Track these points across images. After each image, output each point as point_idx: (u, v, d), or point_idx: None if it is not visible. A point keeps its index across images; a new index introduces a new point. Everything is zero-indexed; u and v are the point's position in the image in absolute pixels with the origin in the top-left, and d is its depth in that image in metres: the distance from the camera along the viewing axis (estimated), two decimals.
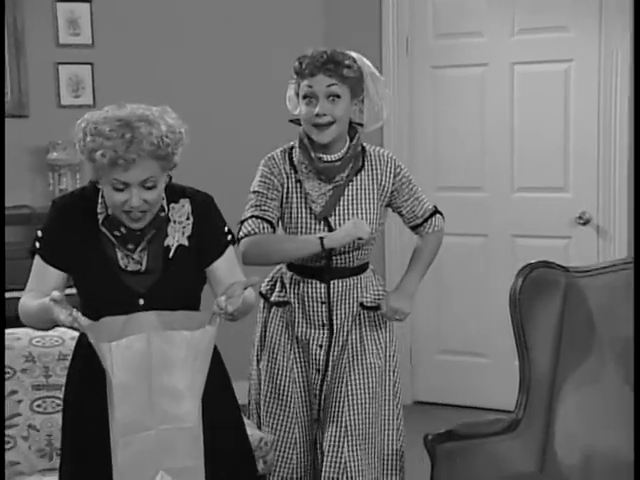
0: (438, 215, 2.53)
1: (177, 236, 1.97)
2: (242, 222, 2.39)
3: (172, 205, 1.99)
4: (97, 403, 1.88)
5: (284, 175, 2.40)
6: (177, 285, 1.96)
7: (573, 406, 2.46)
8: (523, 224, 4.18)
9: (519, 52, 4.05)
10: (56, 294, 1.74)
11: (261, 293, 2.52)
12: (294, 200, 2.39)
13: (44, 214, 3.76)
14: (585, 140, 3.93)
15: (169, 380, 1.78)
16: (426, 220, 2.50)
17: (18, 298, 3.51)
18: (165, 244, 1.96)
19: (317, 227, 2.38)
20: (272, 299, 2.48)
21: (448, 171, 4.23)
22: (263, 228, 2.37)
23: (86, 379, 1.97)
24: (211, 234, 2.02)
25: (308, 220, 2.39)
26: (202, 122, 3.79)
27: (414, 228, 2.53)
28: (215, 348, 1.93)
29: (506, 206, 4.20)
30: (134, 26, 4.14)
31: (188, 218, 1.99)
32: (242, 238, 2.36)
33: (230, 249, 2.06)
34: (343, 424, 2.36)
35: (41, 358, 2.47)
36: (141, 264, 1.94)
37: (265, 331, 2.50)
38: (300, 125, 2.41)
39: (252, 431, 2.41)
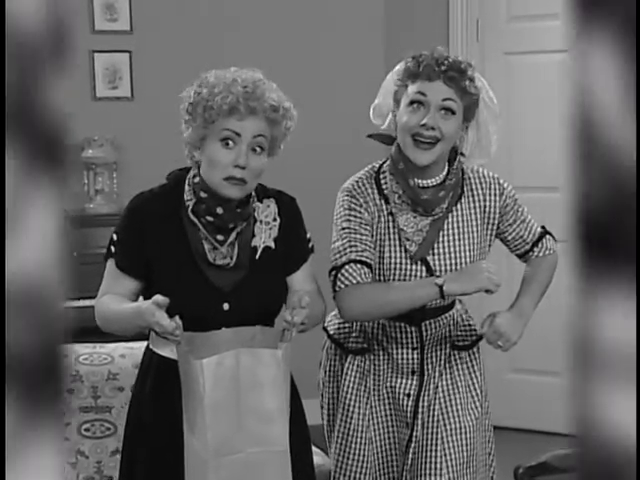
0: (548, 236, 2.37)
1: (264, 237, 2.01)
2: (338, 269, 2.16)
3: (257, 204, 2.03)
4: (173, 426, 1.91)
5: (373, 207, 2.21)
6: (263, 288, 2.00)
7: None
8: None
9: None
10: (161, 298, 1.79)
11: (333, 338, 2.37)
12: (387, 237, 2.21)
13: (78, 217, 3.91)
14: None
15: (258, 400, 1.82)
16: (535, 244, 2.34)
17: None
18: (252, 244, 2.01)
19: (414, 269, 2.21)
20: (349, 346, 2.33)
21: (523, 169, 4.19)
22: (365, 274, 2.16)
23: (160, 399, 1.99)
24: (297, 240, 2.08)
25: (403, 261, 2.21)
26: None
27: (522, 255, 2.37)
28: None
29: None
30: (176, 10, 4.14)
31: (275, 219, 2.03)
32: (340, 289, 2.15)
33: (310, 258, 2.11)
34: None
35: (89, 377, 2.48)
36: (231, 257, 1.97)
37: (337, 382, 2.36)
38: (384, 143, 2.26)
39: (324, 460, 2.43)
